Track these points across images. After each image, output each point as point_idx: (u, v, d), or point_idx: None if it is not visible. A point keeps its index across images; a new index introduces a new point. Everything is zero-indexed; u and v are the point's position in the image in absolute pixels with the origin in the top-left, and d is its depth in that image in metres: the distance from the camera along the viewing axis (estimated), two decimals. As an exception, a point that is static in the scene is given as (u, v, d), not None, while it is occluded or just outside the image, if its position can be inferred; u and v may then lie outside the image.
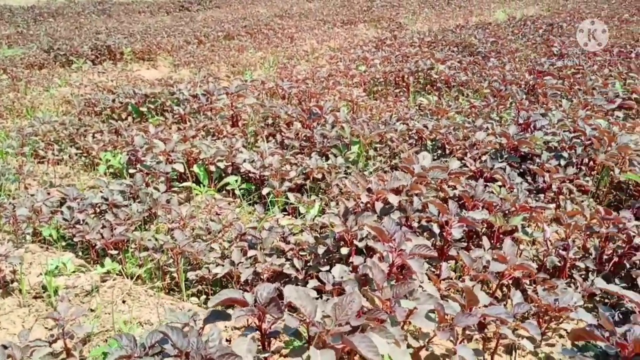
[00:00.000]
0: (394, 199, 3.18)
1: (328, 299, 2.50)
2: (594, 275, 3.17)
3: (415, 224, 3.19)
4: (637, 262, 3.13)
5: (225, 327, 2.94)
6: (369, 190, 3.31)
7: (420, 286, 2.53)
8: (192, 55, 10.49)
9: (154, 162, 4.53)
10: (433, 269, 3.10)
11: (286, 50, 10.87)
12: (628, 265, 3.16)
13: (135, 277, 3.41)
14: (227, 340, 2.86)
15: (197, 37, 12.29)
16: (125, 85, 8.08)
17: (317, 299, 2.63)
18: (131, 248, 3.63)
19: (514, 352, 2.79)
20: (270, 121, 5.63)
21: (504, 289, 3.20)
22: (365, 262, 2.74)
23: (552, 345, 2.84)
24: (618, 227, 3.20)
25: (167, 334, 1.95)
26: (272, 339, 2.29)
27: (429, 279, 2.71)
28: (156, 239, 3.46)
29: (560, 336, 2.90)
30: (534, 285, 3.00)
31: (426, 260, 2.87)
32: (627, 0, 16.83)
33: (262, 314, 2.14)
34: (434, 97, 6.62)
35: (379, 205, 3.25)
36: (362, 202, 3.28)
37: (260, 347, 2.26)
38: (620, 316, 2.66)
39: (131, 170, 4.55)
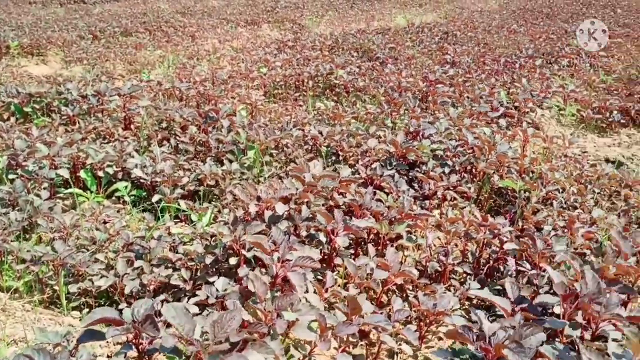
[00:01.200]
0: (281, 208, 3.20)
1: (210, 313, 2.49)
2: (471, 280, 3.36)
3: (304, 233, 3.23)
4: (510, 266, 3.34)
5: (107, 342, 2.85)
6: (259, 198, 3.31)
7: (304, 297, 2.57)
8: (86, 51, 10.02)
9: (37, 167, 4.29)
10: (321, 277, 3.15)
11: (187, 49, 10.65)
12: (502, 269, 3.37)
13: (12, 291, 3.22)
14: (108, 357, 2.77)
15: (92, 32, 11.76)
16: (10, 82, 7.58)
17: (199, 313, 2.61)
18: (8, 260, 3.42)
19: (395, 356, 2.90)
20: (164, 124, 5.49)
21: (390, 294, 3.31)
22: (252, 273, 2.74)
23: (432, 347, 2.98)
24: (493, 233, 3.40)
25: (31, 358, 1.85)
26: (152, 355, 2.23)
27: (315, 288, 2.76)
28: (35, 250, 3.28)
29: (440, 339, 3.05)
30: (416, 291, 3.14)
31: (312, 269, 2.91)
32: (516, 12, 17.90)
33: (137, 332, 2.08)
34: (332, 103, 6.73)
35: (268, 214, 3.26)
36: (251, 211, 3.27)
37: (137, 366, 2.20)
38: (491, 319, 2.83)
39: (11, 176, 4.28)
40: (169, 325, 2.31)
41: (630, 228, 3.77)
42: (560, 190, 4.35)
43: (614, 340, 2.18)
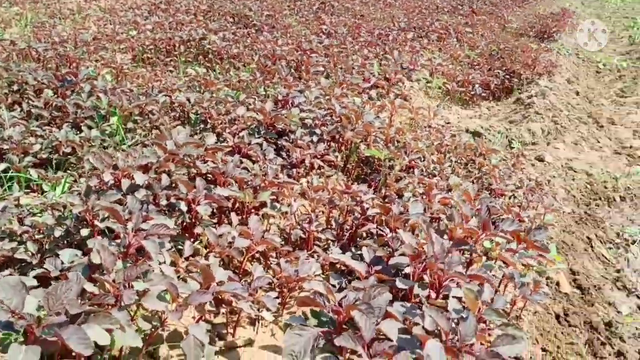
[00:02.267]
0: (140, 177, 3.06)
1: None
2: (335, 246, 3.43)
3: (164, 202, 3.11)
4: (372, 231, 3.45)
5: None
6: (115, 167, 3.14)
7: (159, 268, 2.48)
8: None
9: None
10: (181, 247, 3.06)
11: (48, 7, 9.82)
12: (364, 235, 3.48)
13: None
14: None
15: (-64, -17, 10.47)
16: None
17: (39, 286, 2.44)
18: None
19: (257, 322, 2.90)
20: (16, 87, 5.03)
21: (255, 263, 3.30)
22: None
23: (293, 312, 3.01)
24: (356, 200, 3.48)
25: None
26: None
27: (173, 258, 2.67)
28: None
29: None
30: (279, 258, 3.15)
31: (171, 239, 2.82)
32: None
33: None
34: (203, 69, 6.53)
35: (125, 183, 3.10)
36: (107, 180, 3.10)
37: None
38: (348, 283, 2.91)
39: None
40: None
41: (481, 193, 4.03)
42: (422, 159, 4.55)
43: (455, 297, 2.32)
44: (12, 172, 3.78)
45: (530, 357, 2.67)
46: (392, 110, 5.18)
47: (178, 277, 2.61)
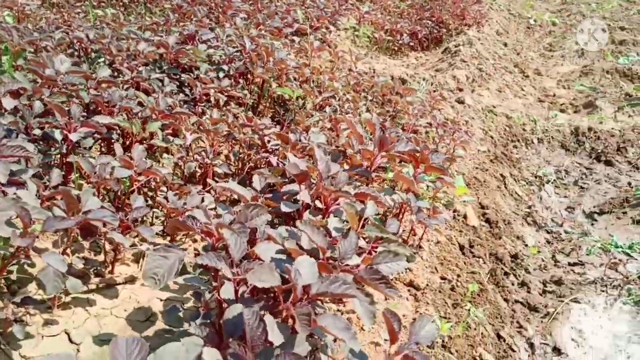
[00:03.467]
0: (8, 103, 2.76)
1: None
2: (233, 180, 3.23)
3: (37, 132, 2.82)
4: (272, 164, 3.26)
5: None
6: (-19, 93, 2.82)
7: (14, 193, 2.22)
8: None
9: None
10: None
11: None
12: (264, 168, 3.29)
13: None
14: None
15: None
16: None
17: None
18: None
19: (141, 260, 2.69)
20: None
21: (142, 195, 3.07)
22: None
23: (183, 244, 2.82)
24: (257, 134, 3.28)
25: None
26: None
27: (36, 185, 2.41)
28: None
29: (193, 240, 2.90)
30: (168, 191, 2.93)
31: (39, 170, 2.56)
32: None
33: None
34: (113, 11, 6.11)
35: (-7, 112, 2.79)
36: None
37: None
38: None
39: None
40: None
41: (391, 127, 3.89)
42: (336, 98, 4.37)
43: (335, 216, 2.17)
44: None
45: (427, 285, 2.57)
46: (311, 51, 4.97)
47: (43, 207, 2.36)
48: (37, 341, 2.18)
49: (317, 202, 2.43)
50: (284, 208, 2.29)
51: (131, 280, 2.62)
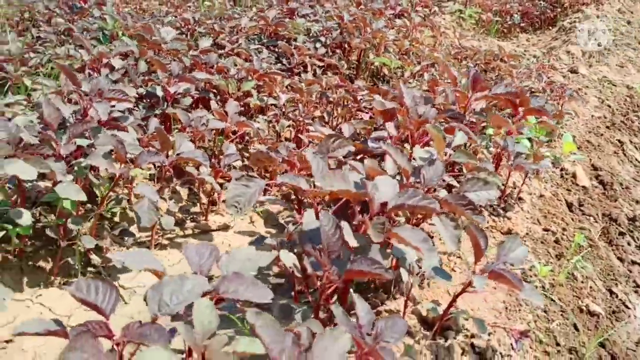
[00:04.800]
0: (117, 62, 2.94)
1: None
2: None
3: (142, 90, 2.98)
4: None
5: None
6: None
7: (115, 133, 2.35)
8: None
9: None
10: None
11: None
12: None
13: None
14: None
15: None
16: None
17: None
18: None
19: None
20: (27, 15, 5.03)
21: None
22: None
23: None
24: (351, 95, 3.26)
25: None
26: None
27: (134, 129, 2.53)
28: None
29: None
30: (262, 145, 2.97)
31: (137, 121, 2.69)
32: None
33: None
34: (219, 2, 6.37)
35: (104, 72, 2.99)
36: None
37: None
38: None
39: None
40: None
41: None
42: (435, 67, 4.24)
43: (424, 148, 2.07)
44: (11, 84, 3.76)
45: (527, 234, 2.39)
46: (412, 26, 4.88)
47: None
48: (134, 274, 2.28)
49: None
50: (371, 144, 2.23)
51: (224, 228, 2.68)
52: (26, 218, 1.86)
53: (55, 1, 5.14)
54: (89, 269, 2.27)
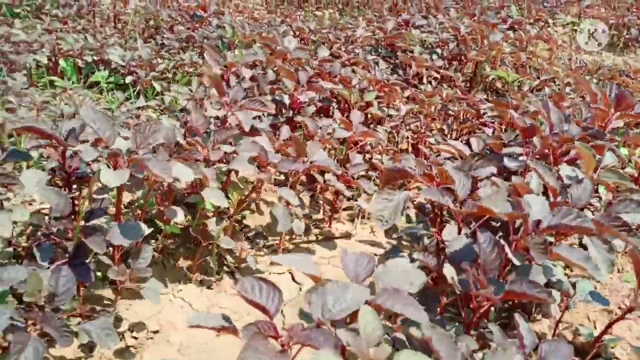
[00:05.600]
0: (246, 72, 3.06)
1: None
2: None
3: (269, 97, 3.08)
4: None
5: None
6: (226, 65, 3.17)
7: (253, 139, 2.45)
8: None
9: (14, 52, 4.19)
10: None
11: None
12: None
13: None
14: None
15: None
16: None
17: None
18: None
19: (355, 219, 2.78)
20: (152, 23, 5.34)
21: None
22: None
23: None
24: (473, 107, 3.22)
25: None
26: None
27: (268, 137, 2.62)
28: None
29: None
30: (382, 155, 2.99)
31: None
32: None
33: (63, 148, 1.97)
34: (329, 12, 6.49)
35: (233, 78, 3.12)
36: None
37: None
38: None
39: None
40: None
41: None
42: (555, 82, 4.11)
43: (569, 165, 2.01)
44: (141, 87, 4.00)
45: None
46: (526, 38, 4.75)
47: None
48: (265, 276, 2.35)
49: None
50: (507, 162, 2.19)
51: (347, 235, 2.72)
52: (180, 217, 1.97)
53: (177, 10, 5.42)
54: (224, 268, 2.38)
